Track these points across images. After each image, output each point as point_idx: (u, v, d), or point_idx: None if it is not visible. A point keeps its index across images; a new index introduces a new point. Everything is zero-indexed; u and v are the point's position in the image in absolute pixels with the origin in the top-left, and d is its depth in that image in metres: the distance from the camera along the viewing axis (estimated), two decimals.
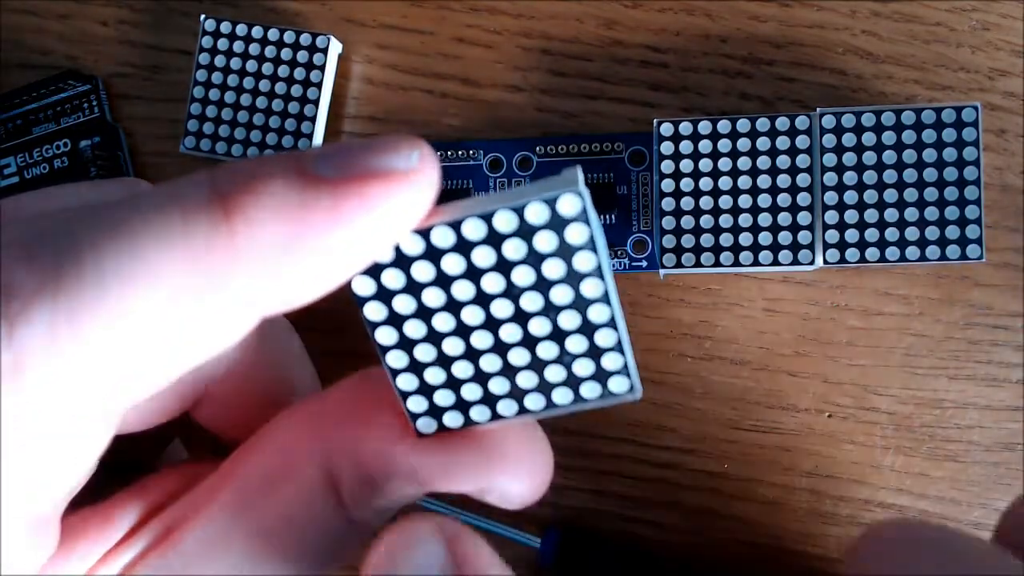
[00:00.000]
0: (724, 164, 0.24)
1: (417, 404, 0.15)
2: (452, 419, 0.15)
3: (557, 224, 0.13)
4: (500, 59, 0.27)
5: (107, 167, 0.27)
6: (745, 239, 0.24)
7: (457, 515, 0.25)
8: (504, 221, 0.13)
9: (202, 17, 0.26)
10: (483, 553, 0.14)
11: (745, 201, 0.24)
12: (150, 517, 0.16)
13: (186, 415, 0.18)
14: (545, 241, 0.14)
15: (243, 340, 0.17)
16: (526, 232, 0.13)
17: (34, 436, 0.13)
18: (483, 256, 0.14)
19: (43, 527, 0.15)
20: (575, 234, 0.13)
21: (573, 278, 0.14)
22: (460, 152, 0.26)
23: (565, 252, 0.14)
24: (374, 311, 0.14)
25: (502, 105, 0.26)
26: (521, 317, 0.14)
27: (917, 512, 0.25)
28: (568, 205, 0.13)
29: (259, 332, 0.17)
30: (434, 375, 0.15)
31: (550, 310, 0.14)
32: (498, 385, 0.15)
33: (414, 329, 0.14)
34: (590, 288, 0.14)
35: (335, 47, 0.26)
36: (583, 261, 0.14)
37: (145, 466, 0.18)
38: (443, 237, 0.14)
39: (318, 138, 0.26)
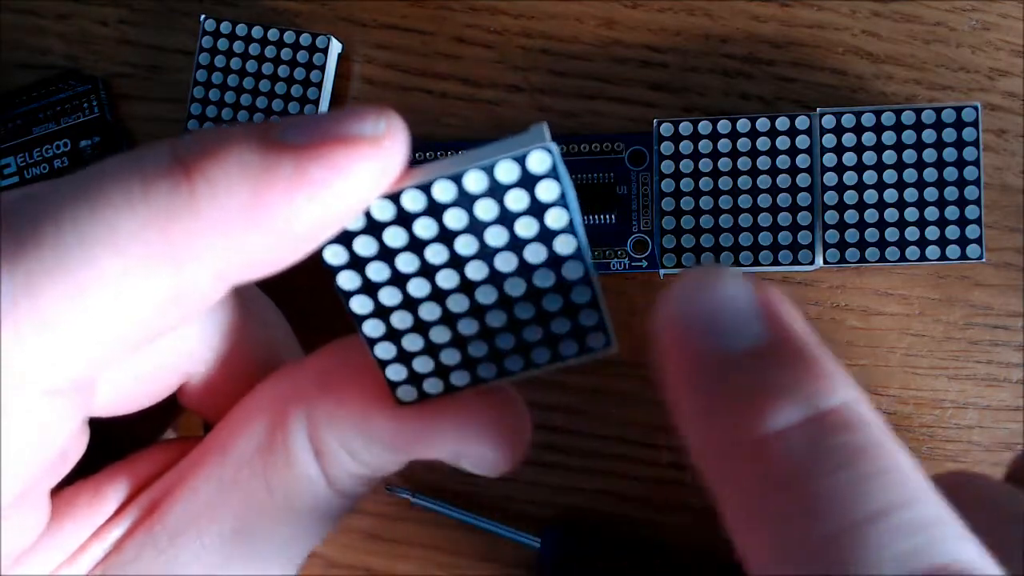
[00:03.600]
0: (724, 164, 0.24)
1: (396, 372, 0.15)
2: (432, 385, 0.15)
3: (528, 182, 0.13)
4: (500, 59, 0.27)
5: None
6: (745, 239, 0.24)
7: (456, 514, 0.25)
8: (474, 181, 0.13)
9: (202, 17, 0.26)
10: (791, 307, 0.14)
11: (745, 201, 0.24)
12: (140, 491, 0.16)
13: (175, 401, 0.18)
14: (516, 200, 0.13)
15: (225, 321, 0.17)
16: (497, 191, 0.13)
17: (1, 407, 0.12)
18: (455, 218, 0.14)
19: (29, 501, 0.14)
20: (546, 191, 0.13)
21: (546, 236, 0.14)
22: (460, 152, 0.26)
23: (537, 210, 0.14)
24: (347, 280, 0.14)
25: (502, 105, 0.26)
26: (496, 278, 0.14)
27: None
28: (538, 162, 0.13)
29: (241, 312, 0.17)
30: (412, 342, 0.15)
31: (524, 269, 0.14)
32: (477, 348, 0.15)
33: (389, 296, 0.14)
34: (563, 245, 0.14)
35: (335, 47, 0.26)
36: (555, 218, 0.14)
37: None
38: (413, 201, 0.13)
39: None
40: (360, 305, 0.14)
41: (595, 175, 0.26)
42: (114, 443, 0.17)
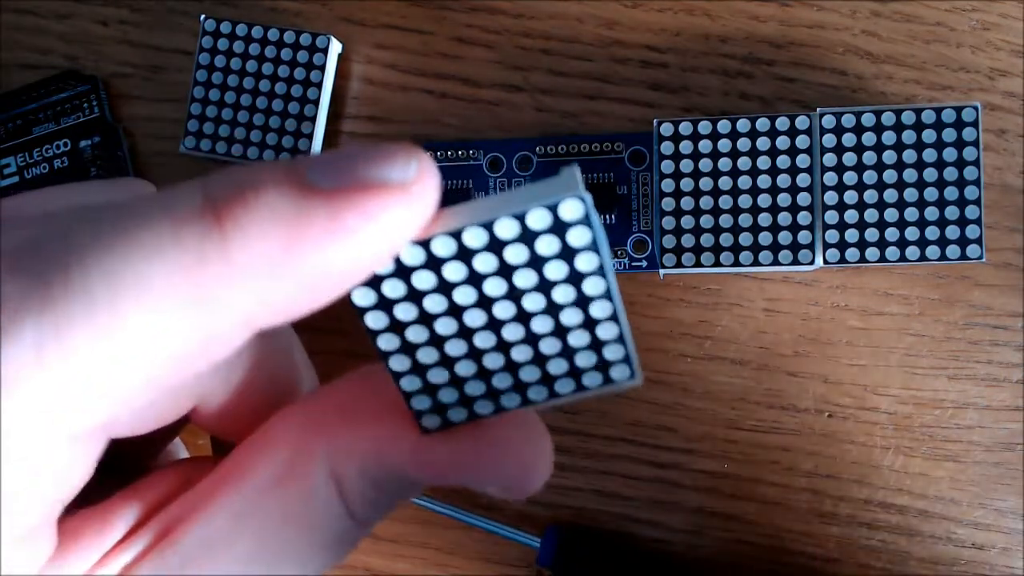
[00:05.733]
0: (724, 164, 0.24)
1: (421, 403, 0.15)
2: (456, 414, 0.15)
3: (559, 228, 0.13)
4: (500, 59, 0.27)
5: (107, 167, 0.27)
6: (745, 239, 0.24)
7: (456, 514, 0.25)
8: (506, 228, 0.13)
9: (202, 17, 0.26)
10: None
11: (745, 201, 0.24)
12: (148, 518, 0.16)
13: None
14: (547, 245, 0.14)
15: (246, 344, 0.17)
16: (528, 237, 0.13)
17: (22, 450, 0.12)
18: (484, 262, 0.14)
19: (37, 533, 0.14)
20: (577, 237, 0.13)
21: (575, 278, 0.14)
22: (460, 152, 0.26)
23: (567, 254, 0.14)
24: (375, 320, 0.14)
25: (502, 105, 0.26)
26: (523, 317, 0.14)
27: (917, 512, 0.25)
28: (570, 210, 0.13)
29: (256, 337, 0.17)
30: (437, 375, 0.15)
31: (552, 309, 0.14)
32: (501, 380, 0.15)
33: (416, 334, 0.14)
34: (592, 286, 0.14)
35: (335, 47, 0.26)
36: (585, 262, 0.14)
37: (145, 465, 0.18)
38: (444, 247, 0.13)
39: (318, 138, 0.26)
40: (387, 342, 0.14)
41: (595, 175, 0.26)
42: (116, 453, 0.17)
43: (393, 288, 0.14)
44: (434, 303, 0.14)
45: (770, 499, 0.25)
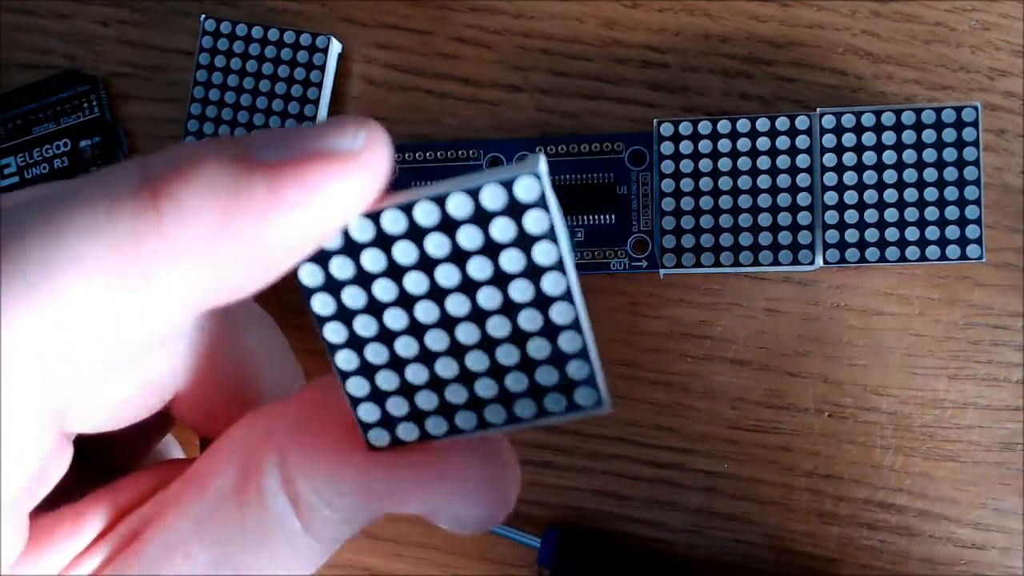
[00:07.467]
0: (724, 164, 0.24)
1: (369, 413, 0.14)
2: (406, 431, 0.14)
3: (515, 210, 0.12)
4: (500, 59, 0.27)
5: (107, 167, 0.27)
6: (745, 239, 0.24)
7: None
8: (458, 205, 0.13)
9: (202, 17, 0.26)
10: None
11: (745, 201, 0.24)
12: (121, 519, 0.16)
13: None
14: (502, 229, 0.13)
15: (208, 338, 0.16)
16: (482, 218, 0.13)
17: None
18: (436, 244, 0.13)
19: (5, 525, 0.14)
20: (534, 222, 0.12)
21: (533, 272, 0.13)
22: (460, 152, 0.26)
23: (524, 242, 0.13)
24: (322, 304, 0.13)
25: (502, 105, 0.26)
26: (478, 315, 0.13)
27: (917, 512, 0.25)
28: (526, 189, 0.12)
29: (232, 326, 0.17)
30: (386, 379, 0.14)
31: (509, 308, 0.13)
32: (455, 394, 0.14)
33: (364, 326, 0.13)
34: (551, 284, 0.13)
35: (335, 47, 0.26)
36: (543, 253, 0.13)
37: (133, 466, 0.18)
38: (394, 222, 0.13)
39: None
40: (334, 333, 0.14)
41: (595, 175, 0.26)
42: (110, 452, 0.17)
43: (341, 267, 0.13)
44: (384, 290, 0.13)
45: (770, 499, 0.25)
